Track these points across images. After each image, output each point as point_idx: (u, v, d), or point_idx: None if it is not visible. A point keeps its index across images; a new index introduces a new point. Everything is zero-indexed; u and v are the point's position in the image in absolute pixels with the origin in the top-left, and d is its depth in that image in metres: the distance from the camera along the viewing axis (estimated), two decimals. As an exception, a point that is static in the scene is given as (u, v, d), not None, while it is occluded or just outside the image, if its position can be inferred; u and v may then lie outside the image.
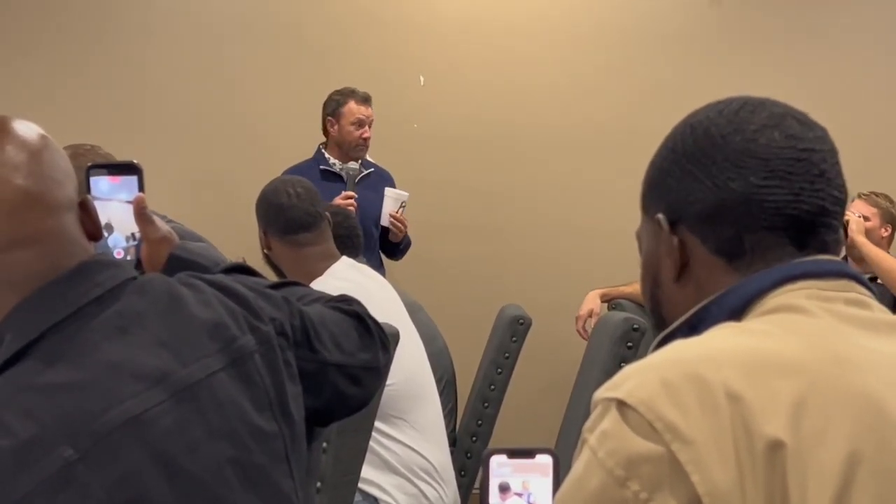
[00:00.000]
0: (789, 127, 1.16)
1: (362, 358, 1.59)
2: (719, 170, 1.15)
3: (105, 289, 1.34)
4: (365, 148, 4.83)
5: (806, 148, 1.16)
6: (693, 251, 1.17)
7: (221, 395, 1.35)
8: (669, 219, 1.18)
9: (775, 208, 1.13)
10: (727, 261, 1.15)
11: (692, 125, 1.20)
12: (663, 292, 1.20)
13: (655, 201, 1.20)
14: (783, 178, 1.14)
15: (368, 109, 4.83)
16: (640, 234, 1.26)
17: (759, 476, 0.94)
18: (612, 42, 5.59)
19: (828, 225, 1.16)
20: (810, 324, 1.07)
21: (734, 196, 1.14)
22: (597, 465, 0.99)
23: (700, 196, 1.15)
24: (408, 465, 3.11)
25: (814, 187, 1.14)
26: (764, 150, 1.14)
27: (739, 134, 1.15)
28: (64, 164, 1.38)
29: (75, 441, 1.22)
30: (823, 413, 0.97)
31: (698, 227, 1.16)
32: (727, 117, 1.17)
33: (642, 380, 1.00)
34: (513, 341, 3.86)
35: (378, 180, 4.85)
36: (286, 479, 1.40)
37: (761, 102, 1.19)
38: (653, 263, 1.22)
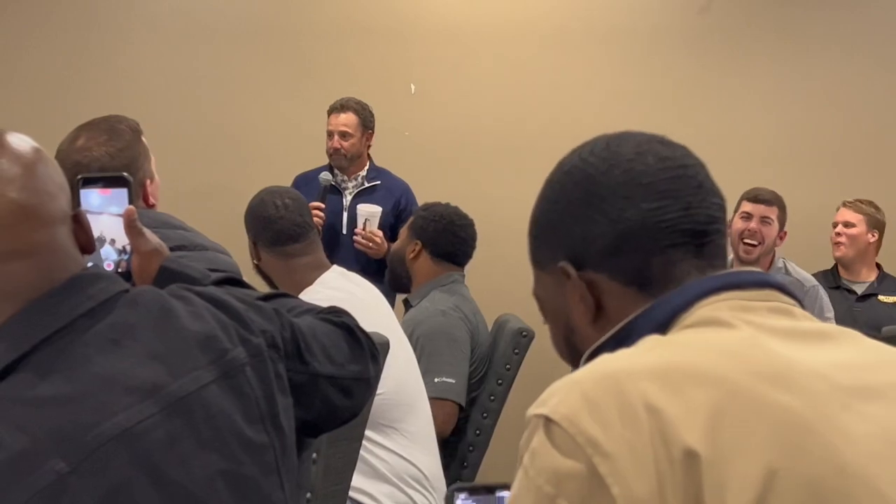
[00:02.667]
0: (657, 151, 1.20)
1: (353, 369, 1.60)
2: (609, 205, 1.18)
3: (97, 301, 1.35)
4: (339, 158, 4.83)
5: (680, 165, 1.20)
6: (603, 289, 1.18)
7: (213, 407, 1.36)
8: (573, 264, 1.19)
9: (672, 226, 1.17)
10: (639, 289, 1.17)
11: (566, 172, 1.23)
12: (580, 337, 1.21)
13: (552, 252, 1.22)
14: (670, 197, 1.17)
15: (340, 118, 4.81)
16: (538, 293, 1.28)
17: (678, 486, 0.96)
18: (603, 47, 5.62)
19: (719, 231, 1.21)
20: (730, 336, 1.09)
21: (631, 225, 1.17)
22: (528, 483, 1.01)
23: (598, 234, 1.18)
24: (398, 474, 3.11)
25: (699, 199, 1.19)
26: (644, 176, 1.18)
27: (616, 167, 1.19)
28: (58, 177, 1.39)
29: (67, 454, 1.22)
30: (741, 424, 0.98)
31: (604, 263, 1.18)
32: (598, 156, 1.21)
33: (565, 395, 1.02)
34: (515, 353, 3.85)
35: (384, 194, 4.84)
36: (277, 490, 1.41)
37: (621, 136, 1.23)
38: (562, 314, 1.23)
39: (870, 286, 4.99)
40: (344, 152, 4.81)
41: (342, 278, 3.26)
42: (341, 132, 4.80)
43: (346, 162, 4.84)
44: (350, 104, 4.83)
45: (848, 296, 4.95)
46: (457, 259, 3.94)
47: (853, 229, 4.93)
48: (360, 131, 4.84)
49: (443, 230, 3.88)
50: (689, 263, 1.17)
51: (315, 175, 4.82)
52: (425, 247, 3.88)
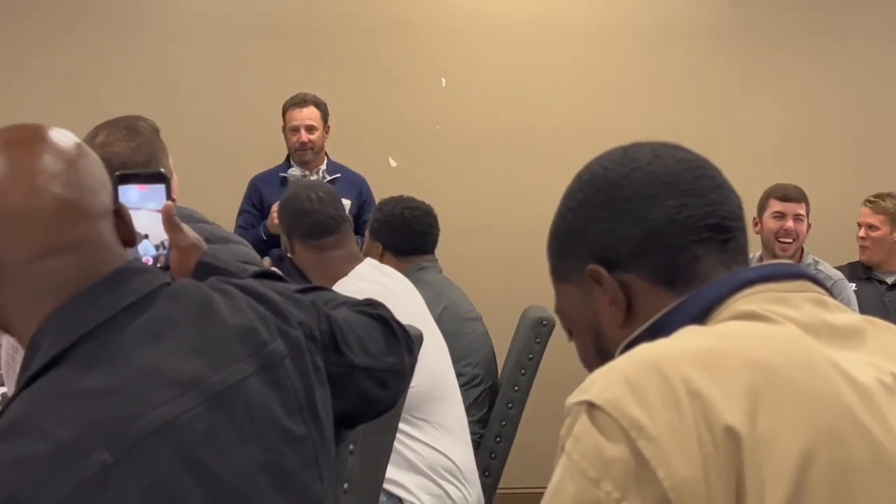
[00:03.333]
0: (672, 154, 1.23)
1: (388, 361, 1.62)
2: (634, 205, 1.20)
3: (139, 295, 1.37)
4: (307, 153, 4.86)
5: (698, 166, 1.23)
6: (633, 288, 1.20)
7: (252, 399, 1.37)
8: (602, 266, 1.21)
9: (697, 221, 1.20)
10: (667, 286, 1.19)
11: (586, 181, 1.25)
12: (611, 342, 1.23)
13: (577, 260, 1.24)
14: (693, 195, 1.20)
15: (304, 112, 4.85)
16: (563, 307, 1.29)
17: (721, 467, 0.97)
18: (636, 43, 5.60)
19: (741, 228, 1.23)
20: (769, 329, 1.10)
21: (657, 223, 1.19)
22: (572, 468, 1.01)
23: (625, 234, 1.20)
24: (432, 466, 3.13)
25: (720, 196, 1.22)
26: (666, 176, 1.21)
27: (637, 171, 1.21)
28: (100, 172, 1.41)
29: (111, 446, 1.23)
30: (779, 409, 1.00)
31: (632, 263, 1.20)
32: (617, 161, 1.24)
33: (608, 381, 1.03)
34: (536, 342, 3.86)
35: (346, 186, 4.84)
36: (316, 482, 1.42)
37: (635, 144, 1.26)
38: (590, 323, 1.25)
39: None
40: (311, 146, 4.85)
41: (375, 271, 3.28)
42: (308, 126, 4.84)
43: (313, 156, 4.88)
44: (310, 98, 4.88)
45: (878, 286, 4.96)
46: (420, 250, 3.92)
47: (877, 232, 4.94)
48: (321, 124, 4.89)
49: (397, 229, 3.86)
50: (714, 258, 1.20)
51: (269, 175, 4.87)
52: (386, 248, 3.88)
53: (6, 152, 1.35)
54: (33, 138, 1.37)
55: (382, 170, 5.34)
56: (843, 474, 0.98)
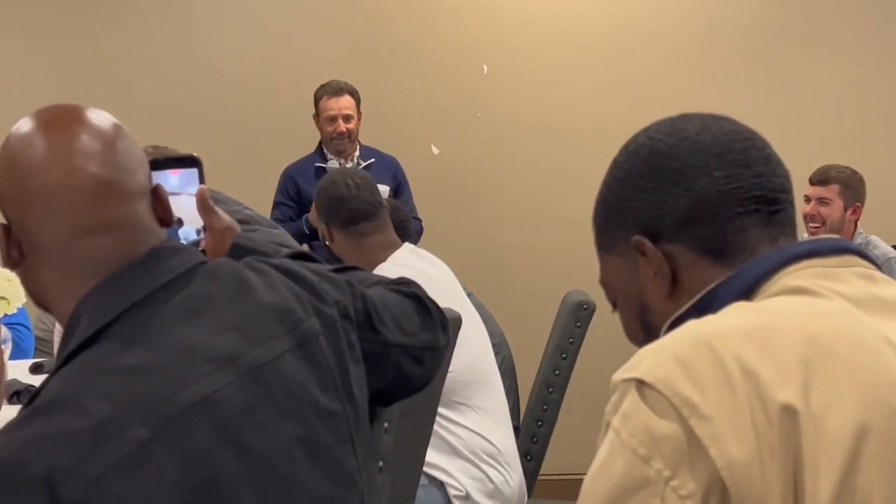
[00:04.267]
0: (721, 125, 1.22)
1: (423, 338, 1.63)
2: (682, 175, 1.19)
3: (176, 273, 1.38)
4: (344, 142, 4.85)
5: (746, 137, 1.22)
6: (679, 260, 1.20)
7: (288, 376, 1.39)
8: (648, 237, 1.21)
9: (745, 193, 1.18)
10: (714, 258, 1.18)
11: (633, 152, 1.24)
12: (656, 314, 1.22)
13: (623, 231, 1.23)
14: (742, 166, 1.19)
15: (341, 102, 4.84)
16: (607, 278, 1.29)
17: (775, 446, 0.96)
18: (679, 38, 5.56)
19: (790, 201, 1.22)
20: (818, 303, 1.09)
21: (705, 193, 1.18)
22: (620, 445, 1.00)
23: (672, 205, 1.19)
24: (472, 449, 3.14)
25: (769, 168, 1.21)
26: (714, 147, 1.20)
27: (685, 141, 1.20)
28: (137, 152, 1.42)
29: (149, 421, 1.25)
30: (832, 384, 0.99)
31: (678, 234, 1.19)
32: (665, 132, 1.22)
33: (658, 359, 1.02)
34: (577, 326, 3.86)
35: (381, 170, 4.83)
36: (350, 457, 1.44)
37: (683, 115, 1.25)
38: (634, 295, 1.24)
39: None
40: (349, 134, 4.84)
41: (414, 256, 3.29)
42: (345, 115, 4.83)
43: (350, 144, 4.87)
44: (345, 87, 4.88)
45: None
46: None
47: None
48: (356, 112, 4.88)
49: None
50: (761, 231, 1.18)
51: (303, 165, 4.86)
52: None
53: (44, 133, 1.37)
54: (71, 119, 1.39)
55: (425, 157, 5.35)
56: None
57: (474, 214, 4.88)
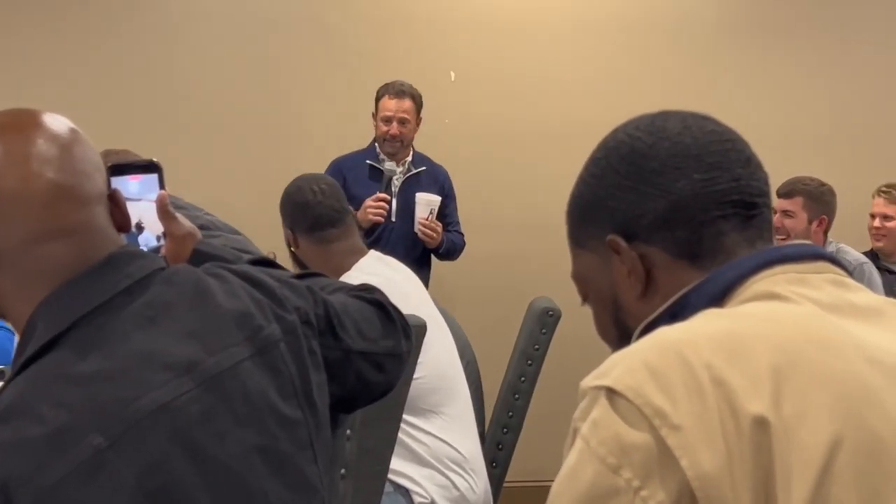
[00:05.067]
0: (702, 125, 1.21)
1: (385, 345, 1.62)
2: (660, 176, 1.18)
3: (134, 279, 1.37)
4: (395, 144, 4.74)
5: (727, 139, 1.20)
6: (654, 262, 1.18)
7: (248, 383, 1.37)
8: (622, 237, 1.19)
9: (723, 196, 1.17)
10: (690, 261, 1.17)
11: (612, 149, 1.23)
12: (629, 314, 1.21)
13: (598, 228, 1.22)
14: (721, 168, 1.18)
15: (400, 104, 4.72)
16: (581, 274, 1.27)
17: (746, 457, 0.95)
18: (649, 37, 5.59)
19: (767, 204, 1.21)
20: (790, 309, 1.08)
21: (683, 195, 1.17)
22: (590, 454, 0.99)
23: (650, 206, 1.18)
24: (438, 457, 3.13)
25: (748, 171, 1.19)
26: (694, 148, 1.18)
27: (665, 140, 1.19)
28: (94, 157, 1.41)
29: (105, 429, 1.24)
30: (804, 394, 0.97)
31: (655, 236, 1.18)
32: (645, 130, 1.21)
33: (629, 366, 1.01)
34: (542, 333, 3.86)
35: (429, 180, 4.79)
36: (311, 465, 1.43)
37: (664, 113, 1.23)
38: (608, 293, 1.23)
39: None
40: (401, 139, 4.75)
41: (379, 263, 3.28)
42: (401, 119, 4.72)
43: (401, 149, 4.77)
44: (408, 90, 4.76)
45: (888, 276, 4.96)
46: None
47: (892, 222, 4.94)
48: (415, 118, 4.79)
49: None
50: (738, 235, 1.18)
51: (355, 161, 4.76)
52: None
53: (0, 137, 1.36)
54: (27, 123, 1.37)
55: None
56: (869, 458, 0.96)
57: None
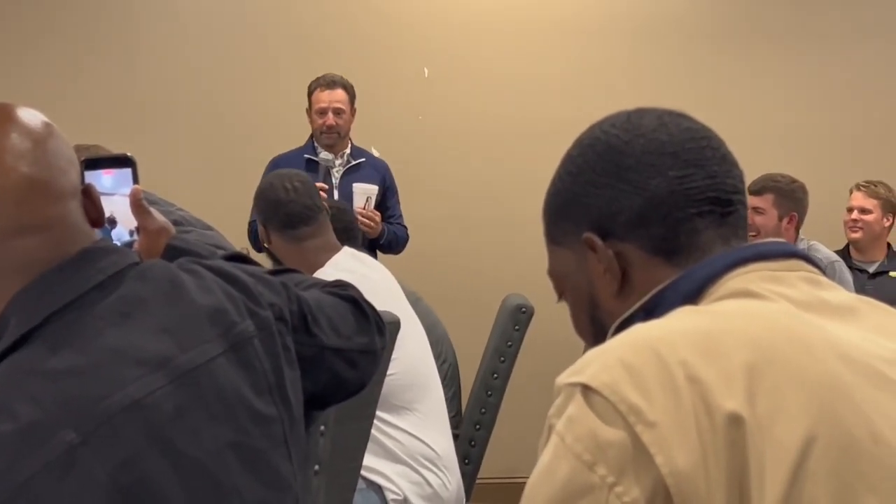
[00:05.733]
0: (678, 122, 1.21)
1: (359, 342, 1.62)
2: (636, 173, 1.18)
3: (107, 274, 1.36)
4: (332, 136, 4.77)
5: (703, 136, 1.21)
6: (629, 259, 1.19)
7: (221, 379, 1.37)
8: (598, 235, 1.19)
9: (699, 193, 1.17)
10: (666, 258, 1.17)
11: (588, 146, 1.23)
12: (605, 312, 1.21)
13: (574, 226, 1.22)
14: (697, 166, 1.18)
15: (332, 94, 4.75)
16: (557, 271, 1.27)
17: (720, 454, 0.95)
18: (621, 35, 5.61)
19: (742, 202, 1.21)
20: (764, 307, 1.09)
21: (659, 192, 1.17)
22: (565, 451, 0.99)
23: (625, 203, 1.18)
24: (411, 454, 3.13)
25: (724, 169, 1.20)
26: (670, 145, 1.18)
27: (641, 137, 1.19)
28: (67, 151, 1.40)
29: (78, 425, 1.23)
30: (778, 391, 0.98)
31: (630, 233, 1.18)
32: (620, 127, 1.21)
33: (604, 363, 1.01)
34: (515, 330, 3.87)
35: (370, 171, 4.80)
36: (285, 462, 1.42)
37: (640, 110, 1.23)
38: (584, 290, 1.23)
39: (880, 265, 5.08)
40: (337, 129, 4.78)
41: (353, 260, 3.28)
42: (336, 109, 4.76)
43: (339, 139, 4.80)
44: (339, 80, 4.79)
45: (860, 275, 5.00)
46: None
47: (870, 216, 4.98)
48: (349, 108, 4.81)
49: None
50: (714, 232, 1.18)
51: (293, 156, 4.77)
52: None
53: None
54: (0, 117, 1.36)
55: (365, 159, 5.35)
56: (843, 456, 0.96)
57: (414, 217, 4.86)
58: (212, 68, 5.42)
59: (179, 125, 5.34)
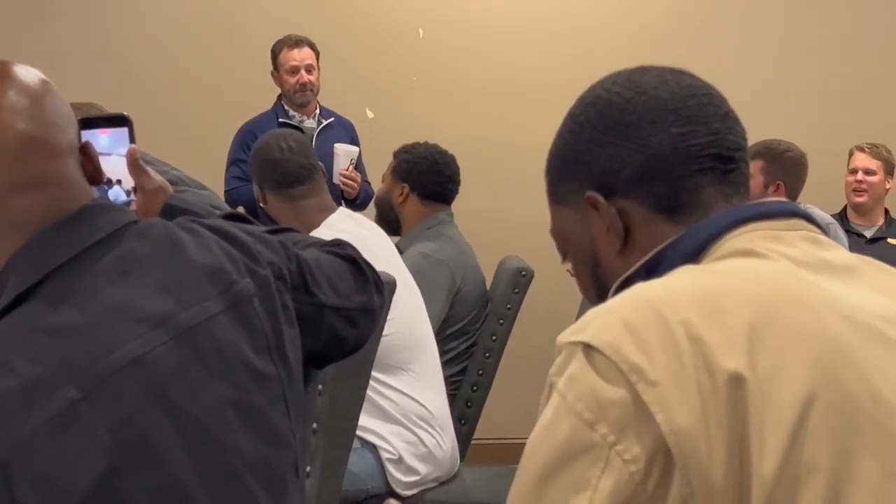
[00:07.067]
0: (680, 80, 1.21)
1: (358, 300, 1.62)
2: (638, 130, 1.18)
3: (106, 232, 1.36)
4: (306, 94, 4.76)
5: (705, 93, 1.21)
6: (632, 217, 1.19)
7: (221, 337, 1.37)
8: (601, 193, 1.20)
9: (700, 150, 1.18)
10: (668, 215, 1.18)
11: (589, 104, 1.23)
12: (608, 270, 1.22)
13: (577, 184, 1.22)
14: (699, 123, 1.18)
15: (303, 53, 4.75)
16: (560, 231, 1.27)
17: (721, 413, 0.95)
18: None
19: (744, 159, 1.21)
20: (767, 266, 1.09)
21: (661, 149, 1.17)
22: (566, 409, 0.99)
23: (627, 160, 1.18)
24: (405, 413, 3.15)
25: (725, 126, 1.20)
26: (671, 102, 1.18)
27: (642, 95, 1.19)
28: (65, 108, 1.39)
29: (79, 382, 1.23)
30: (779, 351, 0.98)
31: (633, 190, 1.18)
32: (622, 85, 1.21)
33: (606, 322, 1.01)
34: (515, 293, 3.88)
35: (340, 131, 4.80)
36: (283, 419, 1.43)
37: (641, 68, 1.23)
38: (587, 249, 1.23)
39: (878, 230, 5.06)
40: (311, 87, 4.77)
41: (349, 220, 3.28)
42: (307, 66, 4.75)
43: (313, 98, 4.79)
44: (304, 39, 4.78)
45: (857, 239, 4.99)
46: (445, 198, 3.95)
47: (874, 177, 4.95)
48: (317, 65, 4.80)
49: (427, 170, 3.88)
50: (715, 189, 1.18)
51: (265, 120, 4.75)
52: (413, 189, 3.89)
53: None
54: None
55: (360, 120, 5.33)
56: (843, 416, 0.96)
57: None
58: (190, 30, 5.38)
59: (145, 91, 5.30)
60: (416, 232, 3.86)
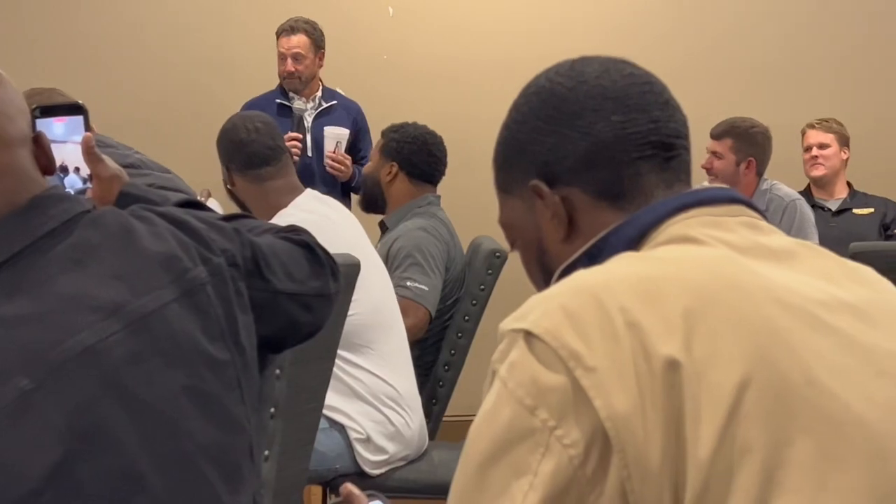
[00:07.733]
0: (621, 69, 1.23)
1: (313, 285, 1.63)
2: (579, 119, 1.20)
3: (59, 222, 1.36)
4: (293, 81, 4.80)
5: (645, 82, 1.22)
6: (575, 204, 1.20)
7: (174, 325, 1.38)
8: (545, 181, 1.21)
9: (641, 138, 1.19)
10: (610, 202, 1.19)
11: (533, 93, 1.24)
12: (553, 257, 1.23)
13: (521, 173, 1.24)
14: (639, 111, 1.20)
15: (289, 41, 4.77)
16: (507, 220, 1.29)
17: (657, 398, 0.97)
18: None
19: (685, 147, 1.23)
20: (703, 252, 1.11)
21: (602, 137, 1.19)
22: (507, 395, 1.01)
23: (570, 148, 1.20)
24: (374, 393, 3.16)
25: (666, 114, 1.22)
26: (612, 91, 1.20)
27: (584, 84, 1.21)
28: (17, 99, 1.40)
29: (31, 371, 1.24)
30: (715, 336, 0.99)
31: (575, 178, 1.20)
32: (564, 75, 1.23)
33: (546, 309, 1.03)
34: (488, 274, 3.88)
35: (341, 114, 4.81)
36: (238, 405, 1.44)
37: (584, 58, 1.25)
38: (533, 238, 1.25)
39: (843, 202, 5.11)
40: (298, 75, 4.79)
41: (316, 201, 3.28)
42: (294, 55, 4.77)
43: (301, 85, 4.81)
44: (300, 25, 4.79)
45: (823, 213, 5.03)
46: (432, 178, 3.97)
47: (828, 150, 5.01)
48: (312, 52, 4.81)
49: (417, 150, 3.90)
50: (657, 176, 1.20)
51: (264, 101, 4.77)
52: (401, 168, 3.90)
53: None
54: None
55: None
56: (777, 398, 0.98)
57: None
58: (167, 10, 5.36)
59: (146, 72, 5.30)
60: (404, 210, 3.88)
